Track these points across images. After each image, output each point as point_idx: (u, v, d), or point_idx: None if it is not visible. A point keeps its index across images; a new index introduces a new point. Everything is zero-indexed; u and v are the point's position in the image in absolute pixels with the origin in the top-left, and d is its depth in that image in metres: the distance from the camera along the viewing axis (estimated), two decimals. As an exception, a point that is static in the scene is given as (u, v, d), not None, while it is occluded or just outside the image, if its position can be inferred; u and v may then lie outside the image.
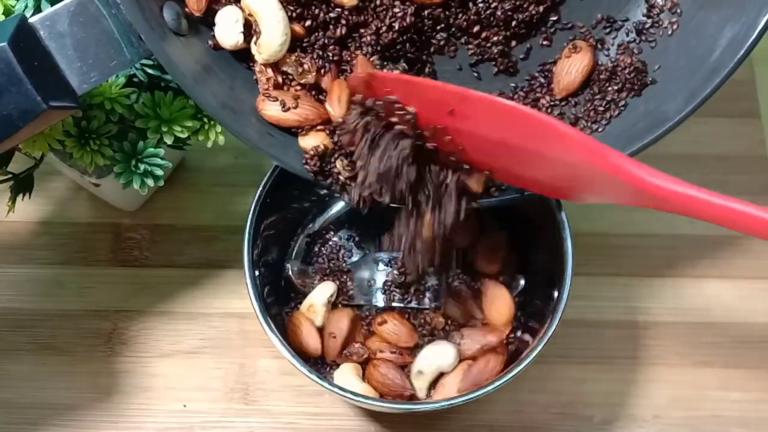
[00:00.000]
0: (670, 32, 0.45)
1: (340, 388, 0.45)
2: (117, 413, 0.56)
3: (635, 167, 0.35)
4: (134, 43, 0.40)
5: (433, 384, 0.51)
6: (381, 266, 0.55)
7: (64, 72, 0.40)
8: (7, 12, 0.45)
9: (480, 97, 0.39)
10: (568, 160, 0.37)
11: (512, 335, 0.52)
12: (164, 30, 0.41)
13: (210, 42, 0.44)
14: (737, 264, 0.61)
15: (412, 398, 0.50)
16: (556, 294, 0.48)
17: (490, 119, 0.39)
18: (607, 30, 0.47)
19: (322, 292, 0.53)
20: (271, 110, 0.44)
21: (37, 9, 0.44)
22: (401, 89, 0.41)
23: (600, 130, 0.46)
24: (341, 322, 0.51)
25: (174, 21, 0.42)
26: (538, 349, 0.45)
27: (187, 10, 0.43)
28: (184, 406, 0.56)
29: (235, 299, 0.59)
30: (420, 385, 0.50)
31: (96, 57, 0.40)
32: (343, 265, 0.55)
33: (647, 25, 0.46)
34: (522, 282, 0.54)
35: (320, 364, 0.52)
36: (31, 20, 0.39)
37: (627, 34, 0.47)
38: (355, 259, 0.56)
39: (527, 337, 0.51)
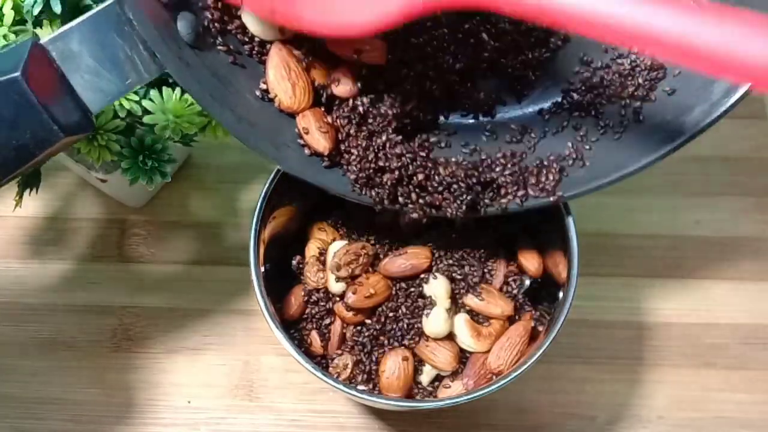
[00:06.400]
0: None
1: (345, 386, 0.45)
2: (122, 409, 0.56)
3: None
4: (149, 58, 0.39)
5: (434, 383, 0.51)
6: None
7: (78, 93, 0.38)
8: (17, 7, 0.45)
9: None
10: None
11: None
12: (179, 45, 0.40)
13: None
14: (742, 265, 0.61)
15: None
16: (561, 294, 0.48)
17: None
18: None
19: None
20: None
21: (46, 5, 0.44)
22: None
23: (617, 137, 0.46)
24: (336, 323, 0.51)
25: (189, 35, 0.41)
26: (543, 348, 0.45)
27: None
28: (189, 402, 0.56)
29: (241, 296, 0.59)
30: (421, 384, 0.50)
31: (110, 75, 0.39)
32: None
33: None
34: (527, 282, 0.54)
35: (323, 362, 0.52)
36: (42, 41, 0.37)
37: None
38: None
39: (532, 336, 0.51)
